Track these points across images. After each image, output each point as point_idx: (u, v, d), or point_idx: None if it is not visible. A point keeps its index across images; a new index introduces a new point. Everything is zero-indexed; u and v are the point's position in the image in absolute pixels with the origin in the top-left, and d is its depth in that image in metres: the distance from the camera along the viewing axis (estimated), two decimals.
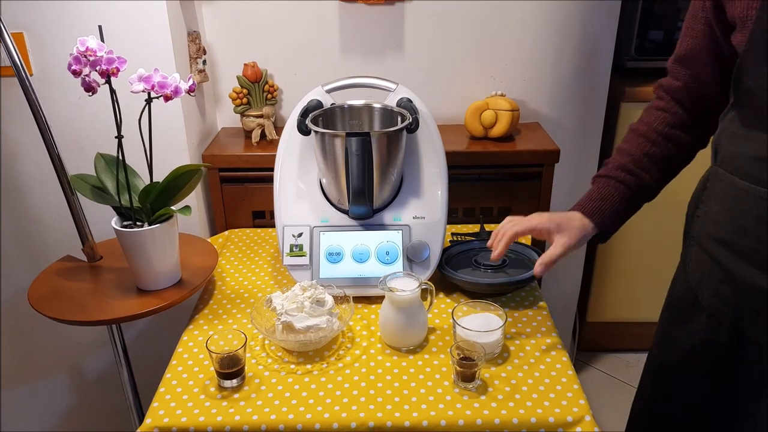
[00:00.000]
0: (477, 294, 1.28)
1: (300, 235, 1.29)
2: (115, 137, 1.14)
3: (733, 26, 0.91)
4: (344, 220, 1.31)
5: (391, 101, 1.34)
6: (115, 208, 1.22)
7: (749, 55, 0.87)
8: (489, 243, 1.16)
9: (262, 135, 1.69)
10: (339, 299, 1.20)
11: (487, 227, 1.54)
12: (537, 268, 1.10)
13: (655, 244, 2.07)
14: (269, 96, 1.71)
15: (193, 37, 1.57)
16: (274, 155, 1.36)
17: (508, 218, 1.16)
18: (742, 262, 0.92)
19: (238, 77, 1.68)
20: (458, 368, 1.04)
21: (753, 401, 0.99)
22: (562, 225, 1.10)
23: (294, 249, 1.29)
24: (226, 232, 1.61)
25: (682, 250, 1.09)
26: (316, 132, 1.24)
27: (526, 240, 1.54)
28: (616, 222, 1.12)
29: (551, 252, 1.09)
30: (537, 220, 1.13)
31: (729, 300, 0.96)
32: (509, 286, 1.29)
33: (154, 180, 1.20)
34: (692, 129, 1.07)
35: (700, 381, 1.06)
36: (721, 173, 0.95)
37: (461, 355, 1.05)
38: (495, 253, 1.14)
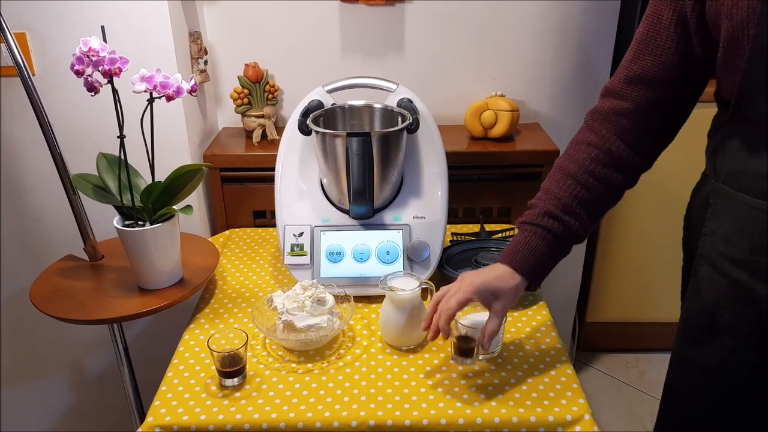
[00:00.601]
0: None
1: (301, 234, 1.30)
2: (117, 137, 1.15)
3: (713, 41, 0.88)
4: (345, 219, 1.31)
5: (392, 101, 1.35)
6: (116, 208, 1.23)
7: (755, 71, 0.83)
8: (424, 326, 1.06)
9: (263, 135, 1.69)
10: (339, 298, 1.21)
11: (487, 227, 1.54)
12: (485, 343, 1.02)
13: (655, 245, 2.07)
14: (270, 96, 1.72)
15: (195, 37, 1.57)
16: (275, 155, 1.36)
17: (442, 290, 1.06)
18: (763, 282, 0.88)
19: (239, 77, 1.69)
20: (456, 341, 1.03)
21: None
22: (498, 292, 1.02)
23: (295, 248, 1.29)
24: (227, 232, 1.62)
25: (687, 267, 1.04)
26: (317, 132, 1.25)
27: None
28: (544, 271, 1.06)
29: (492, 324, 1.02)
30: (470, 289, 1.03)
31: (752, 321, 0.92)
32: None
33: (156, 179, 1.20)
34: (626, 166, 1.01)
35: (725, 401, 1.02)
36: (727, 191, 0.92)
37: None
38: (433, 335, 1.04)
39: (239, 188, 1.64)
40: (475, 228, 1.57)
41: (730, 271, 0.93)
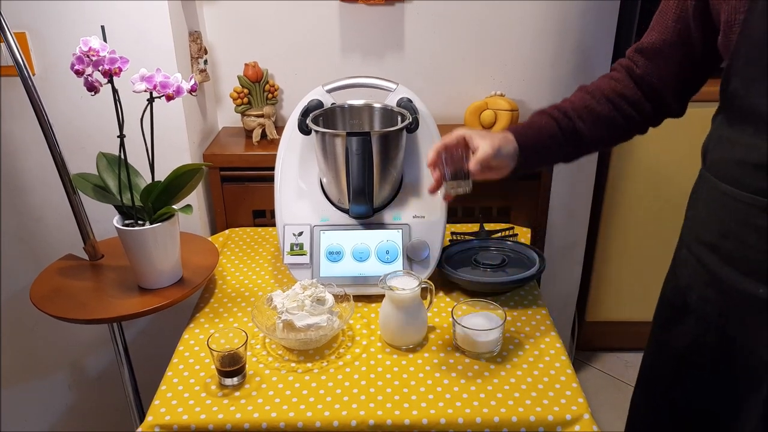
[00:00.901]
0: (476, 293, 1.29)
1: (300, 234, 1.30)
2: (117, 137, 1.15)
3: (715, 31, 0.92)
4: (344, 219, 1.31)
5: (391, 101, 1.35)
6: (116, 207, 1.23)
7: (737, 56, 0.87)
8: (430, 162, 1.10)
9: (263, 134, 1.69)
10: (339, 298, 1.21)
11: (487, 227, 1.54)
12: (472, 166, 1.06)
13: (655, 244, 2.07)
14: (270, 96, 1.72)
15: (195, 37, 1.57)
16: (275, 155, 1.36)
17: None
18: (727, 266, 0.93)
19: (239, 77, 1.69)
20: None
21: (741, 402, 0.99)
22: (483, 133, 1.09)
23: (294, 248, 1.29)
24: (227, 231, 1.62)
25: (675, 251, 1.10)
26: (316, 132, 1.25)
27: (526, 240, 1.55)
28: (535, 152, 1.10)
29: (481, 152, 1.05)
30: (461, 130, 1.10)
31: (715, 303, 0.97)
32: (508, 285, 1.29)
33: (156, 179, 1.20)
34: (639, 107, 1.07)
35: (690, 384, 1.07)
36: (707, 177, 0.96)
37: None
38: (434, 180, 1.11)
39: (239, 188, 1.64)
40: (474, 227, 1.57)
41: (701, 254, 0.99)
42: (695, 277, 1.01)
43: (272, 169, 1.36)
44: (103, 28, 1.11)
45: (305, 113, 1.30)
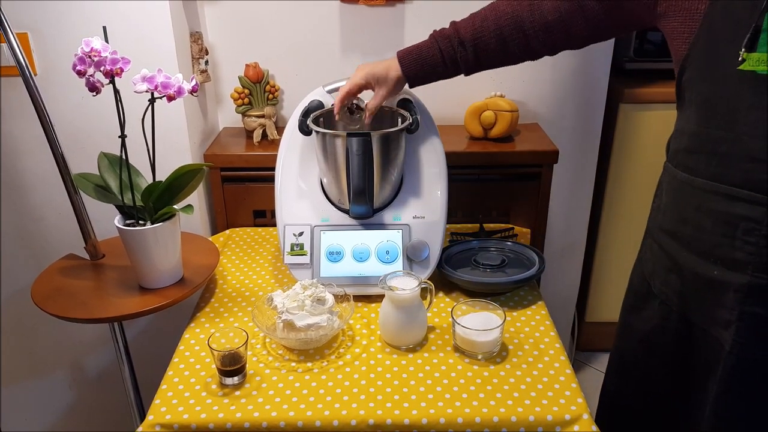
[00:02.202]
0: (476, 293, 1.29)
1: (301, 234, 1.30)
2: (119, 137, 1.15)
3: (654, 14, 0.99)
4: (345, 219, 1.32)
5: (392, 102, 1.35)
6: (117, 207, 1.23)
7: (695, 48, 0.92)
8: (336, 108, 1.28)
9: (264, 135, 1.70)
10: (339, 298, 1.21)
11: (487, 227, 1.55)
12: (366, 119, 1.28)
13: None
14: (270, 96, 1.72)
15: (196, 37, 1.58)
16: (275, 155, 1.37)
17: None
18: (685, 250, 0.98)
19: (239, 77, 1.69)
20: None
21: (702, 383, 1.03)
22: (380, 79, 1.24)
23: (295, 248, 1.30)
24: (228, 231, 1.62)
25: (642, 240, 1.16)
26: (317, 132, 1.25)
27: (526, 240, 1.56)
28: (422, 78, 1.26)
29: (372, 102, 1.26)
30: (361, 74, 1.25)
31: (676, 288, 1.02)
32: (508, 286, 1.30)
33: (157, 179, 1.21)
34: (538, 40, 1.17)
35: (656, 367, 1.12)
36: (668, 167, 1.02)
37: None
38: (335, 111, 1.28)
39: (240, 188, 1.65)
40: (474, 228, 1.58)
41: (663, 241, 1.04)
42: (658, 263, 1.06)
43: (273, 169, 1.36)
44: (104, 28, 1.12)
45: (306, 114, 1.30)
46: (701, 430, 1.04)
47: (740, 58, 0.85)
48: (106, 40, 1.10)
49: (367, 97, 1.29)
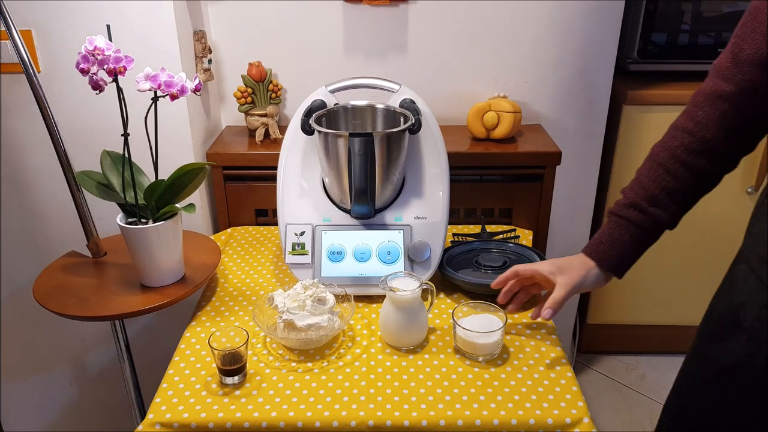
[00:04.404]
0: (478, 295, 1.29)
1: (302, 233, 1.30)
2: (122, 135, 1.15)
3: None
4: (346, 219, 1.32)
5: (394, 102, 1.35)
6: (120, 205, 1.23)
7: None
8: (494, 284, 1.18)
9: (266, 134, 1.70)
10: (340, 298, 1.21)
11: (489, 228, 1.55)
12: (544, 312, 1.08)
13: (656, 248, 2.07)
14: (273, 95, 1.72)
15: (199, 36, 1.58)
16: (278, 154, 1.37)
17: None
18: None
19: (242, 76, 1.69)
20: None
21: None
22: (563, 267, 1.09)
23: (296, 247, 1.30)
24: (229, 230, 1.62)
25: (731, 265, 1.04)
26: (319, 132, 1.25)
27: (528, 242, 1.55)
28: (627, 261, 1.07)
29: (555, 294, 1.07)
30: (540, 265, 1.12)
31: None
32: None
33: (159, 177, 1.21)
34: (720, 153, 0.97)
35: (732, 405, 1.01)
36: None
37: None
38: (501, 295, 1.17)
39: (242, 186, 1.65)
40: (476, 229, 1.58)
41: (760, 271, 0.91)
42: (752, 296, 0.93)
43: (275, 168, 1.36)
44: (108, 27, 1.12)
45: (308, 113, 1.30)
46: None
47: None
48: (110, 39, 1.10)
49: None
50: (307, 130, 1.28)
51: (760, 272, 0.92)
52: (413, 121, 1.27)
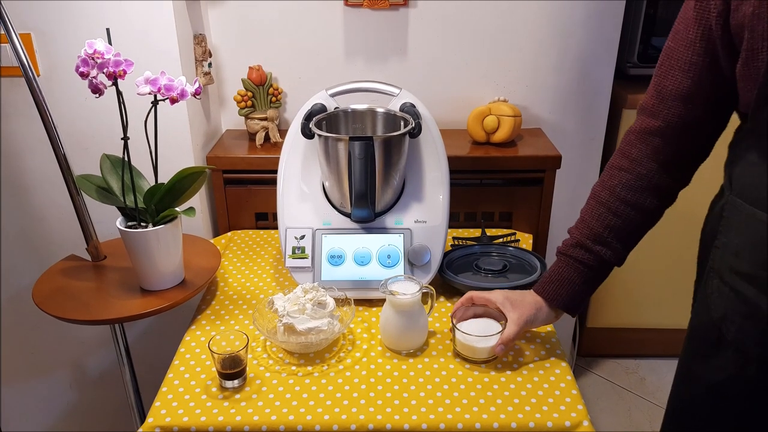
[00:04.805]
0: None
1: (302, 237, 1.30)
2: (121, 138, 1.15)
3: (735, 53, 0.86)
4: (346, 223, 1.32)
5: (395, 106, 1.35)
6: (119, 209, 1.23)
7: None
8: (452, 312, 1.17)
9: (266, 138, 1.70)
10: (340, 302, 1.21)
11: (489, 232, 1.55)
12: (496, 348, 1.09)
13: (656, 251, 2.07)
14: (273, 99, 1.72)
15: (199, 39, 1.58)
16: (278, 158, 1.37)
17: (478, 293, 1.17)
18: (767, 296, 0.88)
19: (242, 80, 1.69)
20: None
21: None
22: (516, 302, 1.11)
23: (296, 251, 1.30)
24: (229, 234, 1.62)
25: (699, 280, 1.05)
26: (319, 136, 1.25)
27: (528, 245, 1.55)
28: (577, 299, 1.10)
29: (507, 331, 1.09)
30: (493, 294, 1.14)
31: (756, 336, 0.92)
32: None
33: (159, 181, 1.21)
34: (659, 189, 1.02)
35: (728, 416, 1.01)
36: (739, 204, 0.91)
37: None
38: (454, 317, 1.16)
39: (242, 190, 1.65)
40: (476, 233, 1.58)
41: (737, 285, 0.92)
42: (731, 309, 0.94)
43: (275, 172, 1.36)
44: (108, 30, 1.12)
45: (308, 117, 1.30)
46: None
47: None
48: (110, 42, 1.10)
49: None
50: (308, 133, 1.28)
51: (733, 284, 0.93)
52: (413, 125, 1.27)
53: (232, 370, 1.06)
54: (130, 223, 1.22)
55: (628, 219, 1.04)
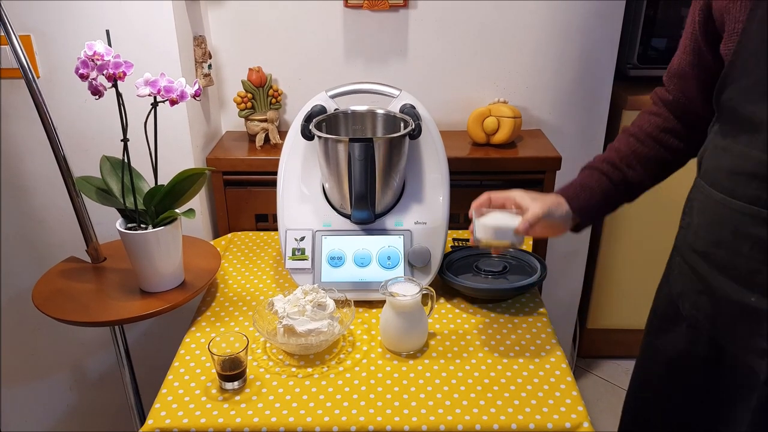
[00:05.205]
0: (477, 299, 1.29)
1: (302, 238, 1.30)
2: (121, 140, 1.15)
3: (719, 37, 0.92)
4: (346, 224, 1.31)
5: (395, 107, 1.35)
6: (119, 211, 1.23)
7: (733, 66, 0.88)
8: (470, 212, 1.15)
9: (266, 139, 1.70)
10: (340, 303, 1.21)
11: None
12: (521, 225, 1.07)
13: (656, 252, 2.07)
14: (273, 100, 1.72)
15: (199, 41, 1.58)
16: (278, 159, 1.37)
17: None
18: (719, 274, 0.93)
19: (242, 81, 1.69)
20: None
21: (729, 411, 1.00)
22: (537, 197, 1.11)
23: (296, 252, 1.29)
24: (229, 235, 1.62)
25: (668, 260, 1.10)
26: (319, 137, 1.25)
27: (528, 247, 1.55)
28: (593, 211, 1.12)
29: (532, 210, 1.07)
30: (512, 191, 1.13)
31: (707, 311, 0.97)
32: (510, 293, 1.29)
33: (159, 183, 1.21)
34: (683, 137, 1.08)
35: (680, 393, 1.07)
36: (701, 185, 0.97)
37: None
38: (472, 209, 1.14)
39: (242, 192, 1.65)
40: None
41: (694, 262, 0.99)
42: (688, 285, 1.01)
43: (275, 173, 1.36)
44: (107, 32, 1.12)
45: (308, 118, 1.30)
46: None
47: None
48: (109, 44, 1.10)
49: None
50: (308, 135, 1.28)
51: (691, 262, 1.00)
52: (413, 127, 1.27)
53: (232, 371, 1.06)
54: (129, 225, 1.22)
55: (655, 151, 1.09)
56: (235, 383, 1.06)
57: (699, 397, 1.04)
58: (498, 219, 1.10)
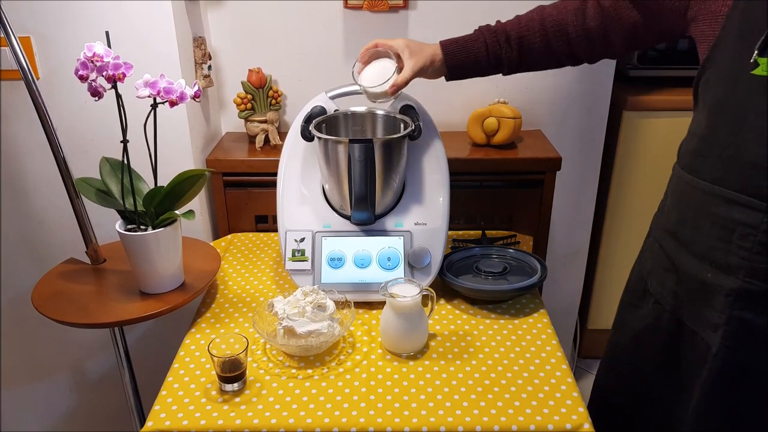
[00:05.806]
0: (477, 300, 1.29)
1: (302, 240, 1.30)
2: (121, 141, 1.15)
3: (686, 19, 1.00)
4: (346, 225, 1.31)
5: (394, 108, 1.35)
6: (119, 212, 1.23)
7: (715, 51, 0.92)
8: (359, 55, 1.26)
9: (266, 140, 1.70)
10: (340, 304, 1.21)
11: (489, 234, 1.55)
12: (390, 89, 1.20)
13: None
14: (273, 102, 1.72)
15: (199, 42, 1.58)
16: (278, 160, 1.37)
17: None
18: (683, 251, 0.99)
19: (242, 83, 1.69)
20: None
21: (688, 384, 1.04)
22: (415, 51, 1.20)
23: (296, 254, 1.29)
24: (229, 236, 1.62)
25: (644, 240, 1.18)
26: (319, 138, 1.25)
27: (528, 247, 1.55)
28: (460, 70, 1.25)
29: (402, 75, 1.19)
30: (396, 41, 1.22)
31: (671, 288, 1.03)
32: (510, 293, 1.29)
33: (159, 184, 1.21)
34: (578, 46, 1.17)
35: (646, 365, 1.13)
36: (676, 168, 1.04)
37: None
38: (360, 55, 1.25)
39: (242, 193, 1.65)
40: (476, 235, 1.57)
41: (663, 240, 1.06)
42: (657, 263, 1.07)
43: (275, 174, 1.36)
44: (107, 33, 1.12)
45: (308, 119, 1.30)
46: (682, 431, 1.06)
47: (753, 62, 0.84)
48: (109, 45, 1.10)
49: None
50: (307, 136, 1.27)
51: (662, 241, 1.07)
52: (413, 127, 1.27)
53: (232, 373, 1.05)
54: (129, 226, 1.22)
55: (543, 47, 1.20)
56: (235, 385, 1.06)
57: (663, 371, 1.10)
58: (375, 73, 1.22)
